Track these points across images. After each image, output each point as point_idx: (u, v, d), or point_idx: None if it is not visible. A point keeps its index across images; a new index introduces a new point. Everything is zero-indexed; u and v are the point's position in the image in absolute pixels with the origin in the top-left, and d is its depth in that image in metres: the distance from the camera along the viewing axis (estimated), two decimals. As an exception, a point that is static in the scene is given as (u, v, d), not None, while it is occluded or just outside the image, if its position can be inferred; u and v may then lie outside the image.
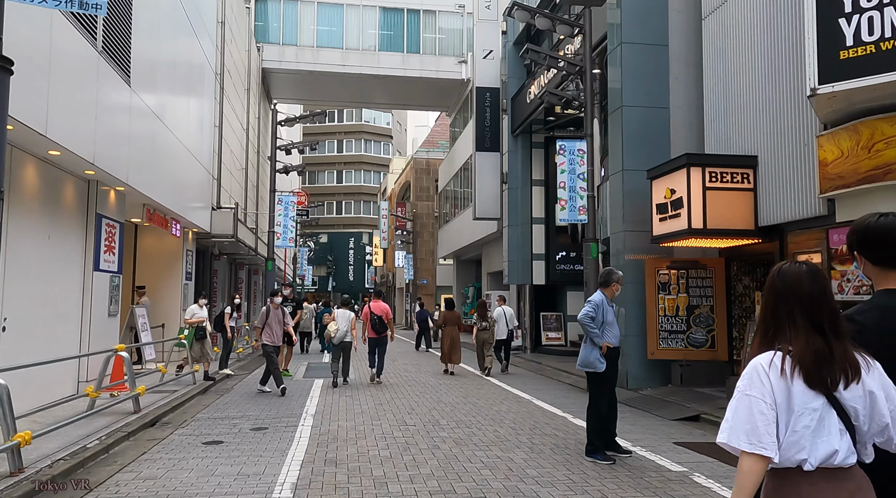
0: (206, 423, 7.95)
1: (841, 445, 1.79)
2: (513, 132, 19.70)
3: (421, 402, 9.62)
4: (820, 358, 1.83)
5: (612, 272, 6.54)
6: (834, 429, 1.80)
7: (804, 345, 1.86)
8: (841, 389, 1.82)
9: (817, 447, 1.79)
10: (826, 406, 1.82)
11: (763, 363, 1.87)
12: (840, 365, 1.83)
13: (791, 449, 1.81)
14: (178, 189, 13.55)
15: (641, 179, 11.11)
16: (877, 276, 2.13)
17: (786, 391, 1.82)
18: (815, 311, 1.89)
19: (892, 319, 2.00)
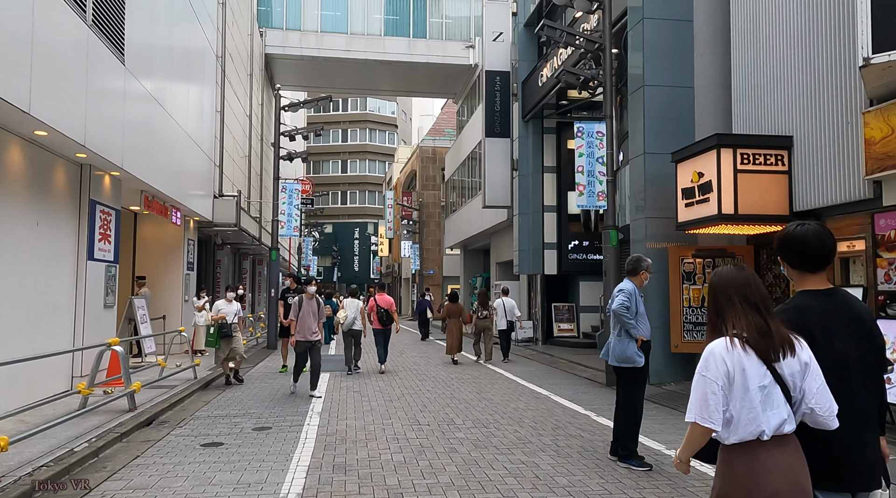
0: (206, 422, 7.46)
1: (786, 414, 2.10)
2: (523, 117, 19.07)
3: (433, 398, 9.11)
4: (762, 332, 2.13)
5: (640, 259, 5.98)
6: (779, 400, 2.10)
7: (747, 322, 2.16)
8: (782, 361, 2.10)
9: (770, 418, 2.08)
10: (773, 382, 2.10)
11: (718, 347, 2.16)
12: (778, 339, 2.13)
13: (752, 424, 2.08)
14: (178, 175, 13.03)
15: (664, 163, 10.52)
16: (797, 278, 2.41)
17: (741, 371, 2.10)
18: (749, 292, 2.20)
19: (807, 317, 2.28)
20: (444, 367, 13.09)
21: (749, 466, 2.10)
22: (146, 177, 10.59)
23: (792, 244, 2.38)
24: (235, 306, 10.46)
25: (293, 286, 12.95)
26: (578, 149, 10.72)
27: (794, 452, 2.13)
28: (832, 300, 2.35)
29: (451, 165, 32.11)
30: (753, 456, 2.10)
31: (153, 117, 11.15)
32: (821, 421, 2.14)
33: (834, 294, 2.38)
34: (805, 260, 2.37)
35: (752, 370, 2.10)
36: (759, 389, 2.10)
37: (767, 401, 2.10)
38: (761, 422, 2.09)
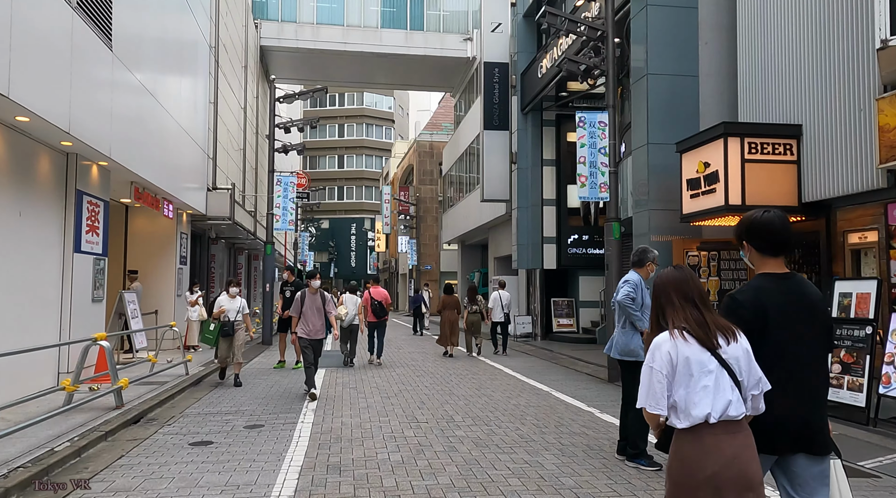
0: (196, 419, 7.19)
1: (732, 398, 2.23)
2: (522, 110, 18.79)
3: (431, 394, 8.85)
4: (699, 323, 2.32)
5: (646, 251, 5.71)
6: (727, 385, 2.23)
7: (685, 315, 2.35)
8: (724, 346, 2.27)
9: (717, 402, 2.21)
10: (719, 367, 2.24)
11: (662, 340, 2.34)
12: (715, 328, 2.31)
13: (697, 407, 2.22)
14: (170, 167, 12.72)
15: (668, 153, 10.27)
16: (758, 262, 2.63)
17: (684, 359, 2.26)
18: (686, 289, 2.41)
19: (763, 297, 2.49)
20: (441, 362, 12.83)
21: (695, 449, 2.25)
22: (136, 168, 10.29)
23: (760, 229, 2.61)
24: (238, 302, 9.64)
25: (291, 279, 12.71)
26: (580, 139, 10.44)
27: (743, 440, 2.25)
28: (788, 283, 2.57)
29: (449, 160, 31.82)
30: (700, 440, 2.24)
31: (143, 106, 10.84)
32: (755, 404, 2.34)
33: (790, 278, 2.60)
34: (771, 244, 2.60)
35: (694, 357, 2.28)
36: (704, 374, 2.26)
37: (717, 385, 2.25)
38: (707, 405, 2.23)
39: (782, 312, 2.50)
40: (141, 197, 11.61)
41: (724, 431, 2.23)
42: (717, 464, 2.20)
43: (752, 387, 2.32)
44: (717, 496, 2.19)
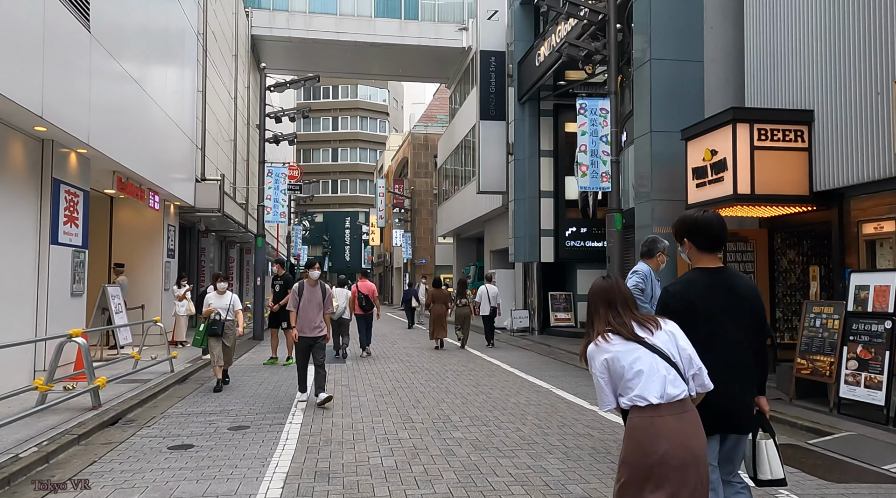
0: (178, 420, 6.79)
1: (668, 379, 2.44)
2: (519, 100, 18.37)
3: (427, 392, 8.48)
4: (618, 322, 2.58)
5: (656, 241, 5.33)
6: (661, 368, 2.45)
7: (607, 319, 2.61)
8: (650, 336, 2.51)
9: (653, 383, 2.43)
10: (648, 353, 2.47)
11: (591, 350, 2.59)
12: (635, 323, 2.56)
13: (637, 390, 2.44)
14: (155, 156, 12.28)
15: (672, 142, 9.90)
16: (695, 257, 2.90)
17: (614, 358, 2.50)
18: (609, 297, 2.65)
19: (693, 289, 2.80)
20: (436, 357, 12.47)
21: (646, 431, 2.41)
22: (118, 156, 9.85)
23: (701, 228, 2.85)
24: (228, 298, 8.66)
25: (280, 272, 12.26)
26: (581, 127, 10.06)
27: (689, 419, 2.44)
28: (720, 277, 2.81)
29: (444, 152, 31.39)
30: (650, 422, 2.40)
31: (125, 93, 10.40)
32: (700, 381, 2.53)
33: (722, 272, 2.84)
34: (708, 242, 2.85)
35: (621, 352, 2.47)
36: (635, 361, 2.45)
37: (651, 371, 2.43)
38: (646, 389, 2.41)
39: (710, 303, 2.75)
40: (124, 187, 11.17)
41: (670, 412, 2.40)
42: (668, 443, 2.38)
43: (687, 366, 2.51)
44: (667, 472, 2.38)
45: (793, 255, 9.39)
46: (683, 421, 2.42)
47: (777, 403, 7.38)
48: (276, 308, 11.59)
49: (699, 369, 2.52)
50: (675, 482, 2.37)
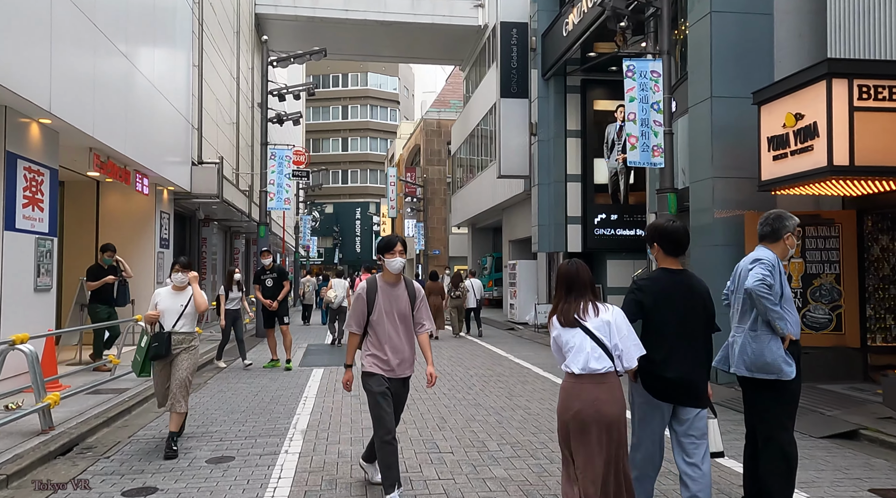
0: (146, 447, 5.45)
1: (591, 357, 3.11)
2: (543, 75, 16.88)
3: (452, 405, 7.11)
4: (566, 308, 3.22)
5: (782, 218, 3.86)
6: (587, 347, 3.12)
7: (560, 304, 3.26)
8: (588, 321, 3.16)
9: (578, 360, 3.11)
10: (582, 335, 3.15)
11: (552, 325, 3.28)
12: (584, 308, 3.19)
13: (570, 362, 3.14)
14: (142, 134, 10.94)
15: (738, 108, 8.44)
16: (661, 259, 3.53)
17: (558, 337, 3.22)
18: (570, 283, 3.27)
19: (657, 285, 3.46)
20: (457, 359, 11.10)
21: (568, 392, 3.17)
22: (92, 130, 8.51)
23: (670, 235, 3.47)
24: (187, 297, 5.50)
25: (270, 265, 10.58)
26: (629, 92, 8.61)
27: (606, 387, 3.09)
28: (679, 276, 3.48)
29: (458, 138, 29.94)
30: (572, 386, 3.15)
31: (99, 54, 9.03)
32: (624, 361, 3.16)
33: (682, 273, 3.51)
34: (674, 247, 3.49)
35: (563, 332, 3.21)
36: (570, 340, 3.16)
37: (579, 349, 3.13)
38: (574, 361, 3.13)
39: (670, 298, 3.42)
40: (104, 167, 9.83)
41: (589, 381, 3.09)
42: (580, 403, 3.08)
43: (615, 348, 3.15)
44: (582, 428, 3.08)
45: (886, 241, 7.90)
46: (600, 389, 3.07)
47: (888, 422, 5.94)
48: (274, 306, 10.18)
49: (622, 352, 3.14)
50: (585, 434, 3.07)
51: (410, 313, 4.12)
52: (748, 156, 8.38)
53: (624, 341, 3.14)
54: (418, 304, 4.17)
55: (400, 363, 4.06)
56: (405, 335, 4.09)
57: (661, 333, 3.35)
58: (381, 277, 4.16)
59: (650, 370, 3.33)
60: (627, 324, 3.22)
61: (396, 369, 4.06)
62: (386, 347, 4.03)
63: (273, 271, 10.48)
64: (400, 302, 4.09)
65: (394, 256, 4.07)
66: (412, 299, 4.15)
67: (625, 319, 3.21)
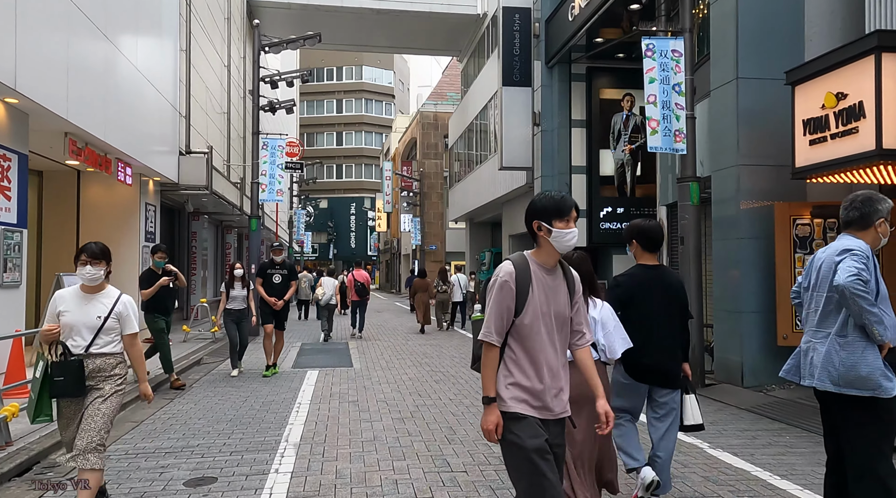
0: (117, 465, 4.80)
1: None
2: (547, 63, 16.21)
3: (461, 415, 6.48)
4: None
5: (872, 200, 3.16)
6: None
7: None
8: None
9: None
10: None
11: None
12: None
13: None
14: (124, 120, 10.25)
15: (766, 90, 7.84)
16: (639, 255, 3.86)
17: None
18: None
19: (634, 280, 3.80)
20: (459, 360, 10.48)
21: None
22: (65, 112, 7.82)
23: (647, 233, 3.78)
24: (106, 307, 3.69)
25: (280, 262, 9.38)
26: (649, 72, 7.98)
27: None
28: (655, 272, 3.84)
29: (456, 131, 29.27)
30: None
31: (76, 31, 8.34)
32: (609, 353, 3.50)
33: (658, 268, 3.88)
34: (651, 244, 3.82)
35: None
36: None
37: None
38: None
39: (647, 291, 3.77)
40: (82, 154, 9.13)
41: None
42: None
43: (599, 343, 3.47)
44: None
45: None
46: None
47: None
48: (279, 304, 9.11)
49: (605, 346, 3.49)
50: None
51: (569, 314, 2.69)
52: (777, 142, 7.77)
53: (608, 337, 3.47)
54: (577, 300, 2.72)
55: (558, 394, 2.61)
56: (562, 349, 2.67)
57: (638, 323, 3.68)
58: (534, 255, 2.65)
59: (630, 356, 3.64)
60: (614, 319, 3.53)
61: (552, 404, 2.59)
62: (541, 368, 2.57)
63: (283, 268, 9.35)
64: (559, 297, 2.64)
65: (568, 224, 2.57)
66: (571, 293, 2.69)
67: (612, 315, 3.53)
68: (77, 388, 3.57)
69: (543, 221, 2.58)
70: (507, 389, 2.55)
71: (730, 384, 8.01)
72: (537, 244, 2.64)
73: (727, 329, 8.24)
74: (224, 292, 9.09)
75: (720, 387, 7.98)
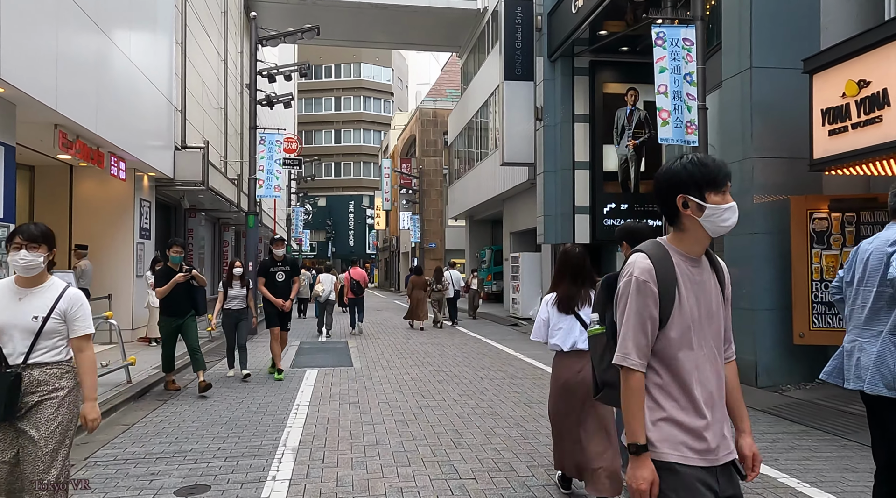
0: (104, 473, 4.52)
1: (578, 339, 3.87)
2: (550, 56, 15.95)
3: (467, 416, 6.21)
4: (570, 296, 3.93)
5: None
6: (576, 330, 3.88)
7: (565, 290, 3.97)
8: (582, 311, 3.90)
9: (567, 340, 3.90)
10: (574, 321, 3.90)
11: (547, 299, 4.05)
12: (581, 299, 3.93)
13: (559, 341, 3.93)
14: (118, 113, 9.97)
15: (781, 79, 7.57)
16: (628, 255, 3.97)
17: (551, 316, 3.99)
18: (577, 273, 3.99)
19: None
20: (462, 359, 10.21)
21: (558, 366, 3.99)
22: (54, 102, 7.53)
23: (636, 235, 3.73)
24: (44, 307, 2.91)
25: (281, 258, 8.78)
26: (659, 62, 7.71)
27: (583, 360, 3.76)
28: None
29: (455, 127, 29.00)
30: (561, 360, 3.97)
31: (65, 20, 8.04)
32: None
33: None
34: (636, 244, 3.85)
35: (555, 317, 3.97)
36: (560, 322, 3.94)
37: (569, 330, 3.90)
38: (564, 341, 3.91)
39: None
40: (73, 147, 8.84)
41: (575, 356, 3.85)
42: (569, 373, 3.87)
43: None
44: (570, 394, 3.85)
45: None
46: (583, 362, 3.75)
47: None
48: (287, 306, 8.60)
49: None
50: (572, 397, 3.84)
51: (723, 318, 2.05)
52: (792, 133, 7.51)
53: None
54: (728, 298, 2.09)
55: (720, 430, 1.97)
56: (721, 367, 2.03)
57: None
58: (675, 242, 2.02)
59: None
60: None
61: (717, 445, 1.95)
62: (699, 396, 1.94)
63: (285, 264, 8.73)
64: (710, 296, 2.01)
65: (725, 197, 1.97)
66: (722, 289, 2.07)
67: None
68: (7, 409, 2.74)
69: (692, 196, 1.92)
70: (657, 427, 1.91)
71: (743, 384, 7.73)
72: (679, 227, 1.99)
73: (739, 327, 7.96)
74: (222, 291, 8.56)
75: (733, 387, 7.72)
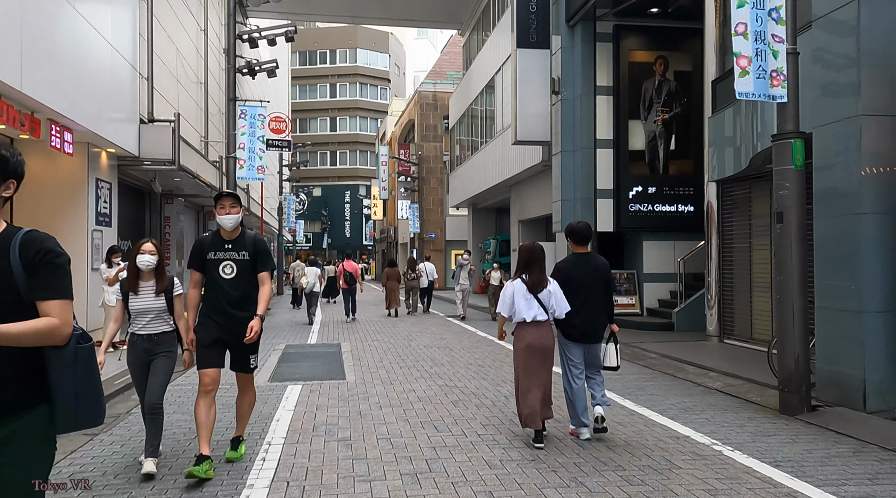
0: None
1: (538, 312, 4.95)
2: (568, 21, 14.18)
3: (501, 463, 4.50)
4: (538, 282, 4.98)
5: None
6: (535, 306, 4.94)
7: (536, 277, 5.00)
8: (539, 292, 4.96)
9: (528, 312, 4.94)
10: (532, 298, 4.95)
11: (515, 282, 5.07)
12: (538, 284, 4.98)
13: (520, 314, 4.97)
14: (60, 72, 8.21)
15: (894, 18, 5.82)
16: (574, 247, 5.39)
17: (521, 292, 4.98)
18: (534, 262, 5.05)
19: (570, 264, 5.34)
20: (480, 372, 8.52)
21: (521, 332, 5.01)
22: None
23: (577, 233, 5.30)
24: None
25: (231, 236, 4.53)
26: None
27: (545, 329, 4.99)
28: (585, 258, 5.32)
29: (457, 111, 27.24)
30: (524, 328, 4.98)
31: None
32: (556, 314, 5.02)
33: (588, 255, 5.36)
34: (581, 239, 5.34)
35: (520, 293, 4.99)
36: (523, 301, 4.97)
37: (529, 305, 4.94)
38: (525, 313, 4.94)
39: (578, 272, 5.21)
40: (-8, 109, 7.06)
41: (534, 326, 4.96)
42: (530, 338, 4.94)
43: (551, 308, 4.98)
44: (531, 354, 4.95)
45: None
46: (541, 330, 4.97)
47: None
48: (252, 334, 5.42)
49: (554, 309, 5.00)
50: (533, 357, 4.95)
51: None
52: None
53: (559, 304, 5.01)
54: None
55: None
56: None
57: (574, 294, 5.10)
58: None
59: (568, 317, 5.07)
60: (560, 292, 5.05)
61: None
62: None
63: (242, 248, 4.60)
64: None
65: None
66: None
67: (559, 289, 5.06)
68: None
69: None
70: None
71: (844, 407, 6.06)
72: None
73: (838, 334, 6.27)
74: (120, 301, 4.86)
75: (832, 411, 6.03)
